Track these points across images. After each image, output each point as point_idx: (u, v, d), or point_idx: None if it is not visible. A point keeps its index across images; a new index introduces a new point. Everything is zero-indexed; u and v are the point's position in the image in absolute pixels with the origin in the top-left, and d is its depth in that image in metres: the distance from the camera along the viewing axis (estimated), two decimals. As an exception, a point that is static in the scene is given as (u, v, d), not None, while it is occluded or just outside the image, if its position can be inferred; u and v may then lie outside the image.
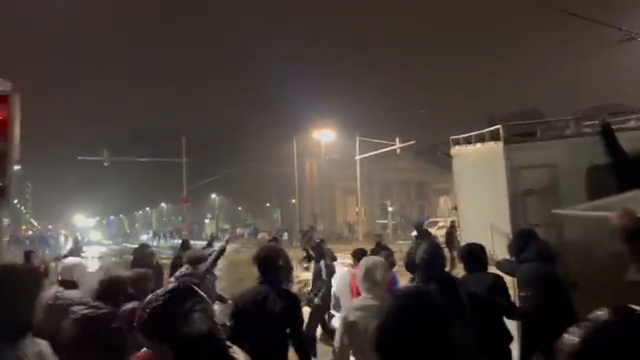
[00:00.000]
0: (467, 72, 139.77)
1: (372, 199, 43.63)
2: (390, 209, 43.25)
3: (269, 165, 42.22)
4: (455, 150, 7.61)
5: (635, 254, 2.57)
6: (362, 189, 36.17)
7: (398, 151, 33.91)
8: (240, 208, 62.43)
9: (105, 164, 33.46)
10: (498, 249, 4.53)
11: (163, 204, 79.82)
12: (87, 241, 52.52)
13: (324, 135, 36.48)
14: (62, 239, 62.80)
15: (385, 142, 34.23)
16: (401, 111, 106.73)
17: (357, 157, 35.39)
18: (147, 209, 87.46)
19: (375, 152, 34.96)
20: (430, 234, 10.95)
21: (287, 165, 37.90)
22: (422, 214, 50.25)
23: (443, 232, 23.07)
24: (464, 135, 8.36)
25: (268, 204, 56.23)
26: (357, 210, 36.84)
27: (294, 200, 52.49)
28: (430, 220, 33.39)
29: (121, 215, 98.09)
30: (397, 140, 33.14)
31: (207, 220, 61.88)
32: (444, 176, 52.82)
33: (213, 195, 58.65)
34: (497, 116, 66.74)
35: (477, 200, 6.77)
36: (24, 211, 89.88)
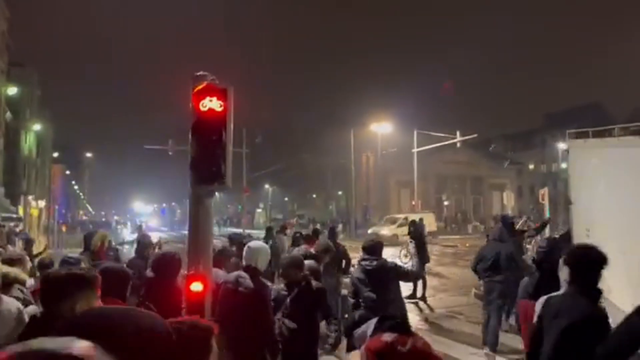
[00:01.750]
0: (520, 71, 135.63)
1: (428, 192, 43.35)
2: (445, 202, 42.89)
3: (325, 157, 42.64)
4: (576, 143, 7.71)
5: None
6: (418, 182, 36.04)
7: (458, 145, 33.59)
8: (286, 199, 63.36)
9: (170, 153, 34.65)
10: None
11: (216, 193, 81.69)
12: (147, 227, 54.63)
13: (382, 128, 36.48)
14: (114, 224, 65.41)
15: (445, 135, 34.01)
16: (457, 106, 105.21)
17: (415, 150, 35.26)
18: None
19: (434, 145, 34.75)
20: (520, 232, 10.91)
21: (343, 158, 38.16)
22: (477, 208, 49.59)
23: (404, 229, 21.96)
24: (581, 130, 8.41)
25: (314, 195, 56.77)
26: (413, 203, 36.73)
27: (340, 192, 52.93)
28: (388, 216, 32.67)
29: (173, 203, 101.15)
30: (458, 133, 32.84)
31: (259, 210, 63.12)
32: (498, 171, 52.03)
33: (267, 186, 59.68)
34: (553, 112, 64.80)
35: (616, 196, 6.82)
36: (82, 197, 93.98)
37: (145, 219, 64.98)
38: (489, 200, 50.51)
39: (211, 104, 3.61)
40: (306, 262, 4.60)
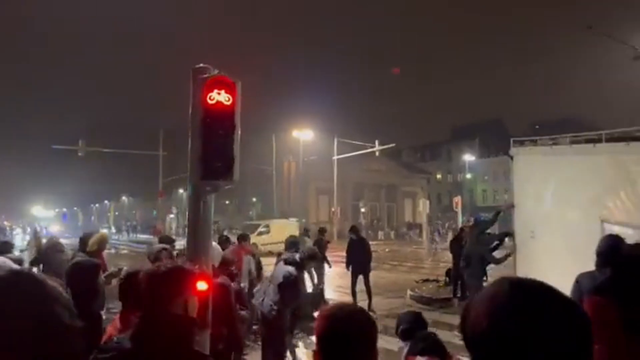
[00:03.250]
0: (440, 83, 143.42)
1: (346, 199, 44.26)
2: (362, 209, 44.04)
3: (243, 163, 42.04)
4: (524, 149, 8.28)
5: None
6: (336, 189, 36.74)
7: (377, 153, 34.70)
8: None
9: (80, 154, 32.58)
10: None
11: (124, 198, 77.81)
12: (47, 233, 50.71)
13: (304, 134, 36.79)
14: (7, 230, 60.11)
15: (364, 144, 35.03)
16: (376, 115, 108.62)
17: (335, 158, 35.95)
18: (106, 202, 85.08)
19: (354, 154, 35.65)
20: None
21: (263, 163, 37.99)
22: (391, 216, 51.43)
23: (262, 237, 22.92)
24: (526, 139, 9.01)
25: (227, 202, 55.90)
26: (332, 209, 37.33)
27: (254, 199, 52.49)
28: (248, 223, 33.52)
29: (75, 208, 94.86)
30: (377, 142, 33.95)
31: (171, 216, 60.87)
32: (411, 180, 54.40)
33: (180, 191, 57.73)
34: (459, 126, 68.96)
35: (558, 200, 7.37)
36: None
37: (46, 223, 60.14)
38: (402, 207, 52.61)
39: (219, 97, 3.46)
40: None
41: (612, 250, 3.99)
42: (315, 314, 8.74)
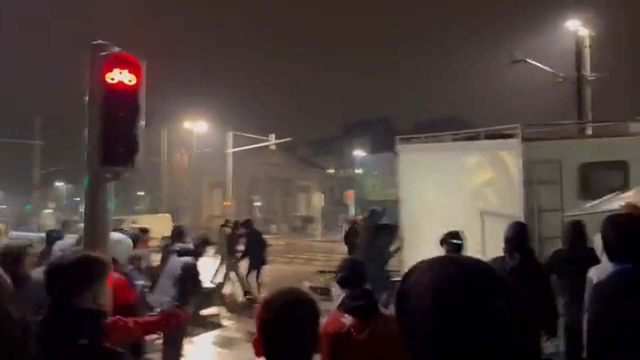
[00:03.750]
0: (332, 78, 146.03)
1: (240, 193, 43.82)
2: (257, 204, 43.90)
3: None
4: (409, 147, 8.74)
5: None
6: (231, 183, 36.28)
7: (274, 147, 34.73)
8: (78, 199, 57.76)
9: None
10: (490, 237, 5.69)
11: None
12: None
13: (197, 126, 35.77)
14: None
15: (259, 137, 34.86)
16: (271, 108, 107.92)
17: (228, 151, 35.42)
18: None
19: (249, 147, 35.34)
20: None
21: (153, 155, 36.38)
22: (285, 209, 51.82)
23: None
24: (410, 136, 9.54)
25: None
26: (226, 204, 36.79)
27: (142, 193, 50.19)
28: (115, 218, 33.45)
29: None
30: (273, 136, 33.96)
31: (48, 210, 56.11)
32: (305, 174, 55.23)
33: (58, 184, 53.45)
34: (351, 122, 71.20)
35: (440, 193, 7.88)
36: None
37: None
38: (296, 201, 53.25)
39: (121, 76, 3.29)
40: None
41: (519, 236, 4.37)
42: (210, 310, 8.56)
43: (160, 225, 17.59)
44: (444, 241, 5.03)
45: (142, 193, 49.38)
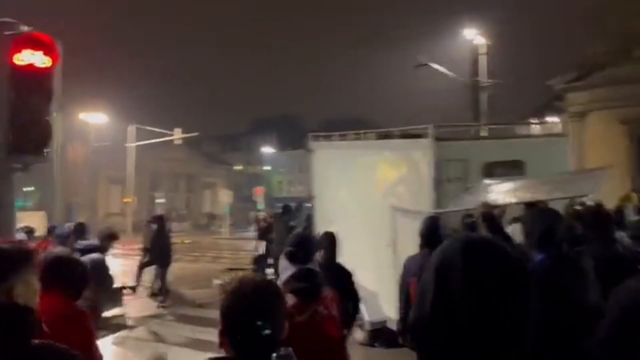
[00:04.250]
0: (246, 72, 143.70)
1: (141, 189, 41.86)
2: (159, 200, 42.25)
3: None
4: (323, 144, 8.84)
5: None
6: (132, 179, 34.64)
7: (179, 142, 33.59)
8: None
9: None
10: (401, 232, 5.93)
11: None
12: None
13: (94, 118, 33.63)
14: None
15: (163, 131, 33.56)
16: (176, 103, 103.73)
17: (132, 145, 33.78)
18: None
19: (152, 141, 33.92)
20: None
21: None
22: (190, 206, 50.37)
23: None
24: (325, 134, 9.66)
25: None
26: (126, 200, 35.03)
27: (29, 188, 46.34)
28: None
29: None
30: (180, 131, 32.85)
31: None
32: (211, 170, 54.03)
33: None
34: (258, 119, 70.92)
35: (351, 189, 8.05)
36: None
37: None
38: (202, 198, 51.94)
39: (33, 58, 3.00)
40: None
41: (429, 231, 4.54)
42: (114, 311, 8.09)
43: (33, 224, 16.07)
44: None
45: (32, 188, 45.49)
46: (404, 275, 4.57)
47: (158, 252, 11.25)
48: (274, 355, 1.61)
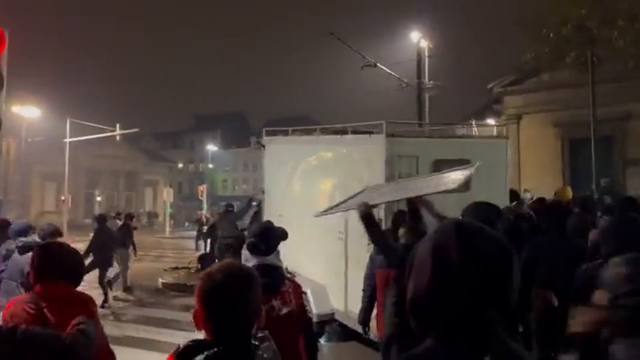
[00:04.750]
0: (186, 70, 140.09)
1: (78, 187, 40.15)
2: (98, 198, 40.71)
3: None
4: (275, 139, 8.82)
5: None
6: (68, 175, 33.13)
7: (118, 138, 32.45)
8: None
9: None
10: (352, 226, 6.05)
11: None
12: None
13: (27, 111, 31.87)
14: None
15: (102, 127, 32.31)
16: (115, 98, 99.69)
17: (67, 140, 32.25)
18: None
19: (90, 137, 32.56)
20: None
21: (-27, 142, 31.59)
22: (130, 204, 48.78)
23: None
24: (278, 129, 9.65)
25: None
26: (62, 198, 33.48)
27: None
28: None
29: None
30: (118, 126, 31.73)
31: None
32: (152, 167, 52.57)
33: None
34: (202, 116, 69.67)
35: (301, 185, 8.10)
36: None
37: None
38: (142, 196, 50.44)
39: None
40: None
41: (394, 223, 4.66)
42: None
43: None
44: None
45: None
46: (370, 267, 4.68)
47: (97, 253, 10.81)
48: (253, 337, 1.64)
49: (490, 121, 21.42)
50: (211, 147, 56.85)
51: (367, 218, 3.89)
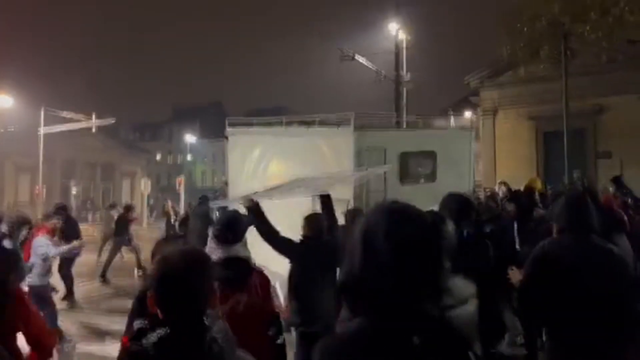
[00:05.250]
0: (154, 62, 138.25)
1: (53, 178, 39.44)
2: (74, 190, 40.10)
3: None
4: (239, 130, 8.67)
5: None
6: (42, 167, 32.52)
7: (94, 129, 31.92)
8: None
9: None
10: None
11: None
12: None
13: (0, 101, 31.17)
14: None
15: (78, 117, 31.71)
16: (91, 88, 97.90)
17: (41, 131, 31.62)
18: None
19: (65, 128, 31.97)
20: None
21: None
22: (107, 196, 48.16)
23: None
24: (245, 119, 9.50)
25: None
26: (37, 190, 32.89)
27: None
28: None
29: None
30: (94, 116, 31.19)
31: None
32: (130, 159, 51.90)
33: None
34: (180, 107, 68.89)
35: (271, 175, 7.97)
36: None
37: None
38: (119, 187, 49.78)
39: None
40: None
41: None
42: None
43: None
44: None
45: None
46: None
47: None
48: (205, 319, 1.65)
49: (468, 114, 21.59)
50: (190, 138, 56.32)
51: (254, 212, 3.88)
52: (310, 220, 4.59)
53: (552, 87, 14.57)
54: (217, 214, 10.27)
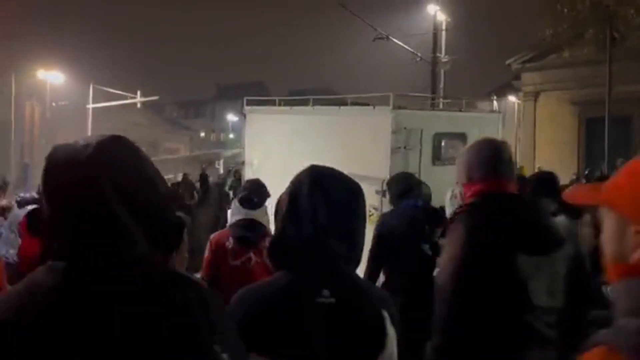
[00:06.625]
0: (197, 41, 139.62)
1: (101, 153, 40.93)
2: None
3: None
4: (253, 109, 8.79)
5: None
6: (91, 141, 33.79)
7: (138, 105, 32.92)
8: None
9: None
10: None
11: None
12: None
13: (52, 77, 32.51)
14: None
15: (125, 94, 32.78)
16: (138, 65, 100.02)
17: (90, 106, 32.87)
18: None
19: (112, 103, 33.12)
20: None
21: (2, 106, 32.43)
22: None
23: None
24: (256, 98, 9.53)
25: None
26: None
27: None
28: None
29: None
30: (139, 93, 32.15)
31: None
32: (174, 135, 53.15)
33: None
34: (224, 85, 69.75)
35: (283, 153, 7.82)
36: None
37: None
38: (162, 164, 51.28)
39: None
40: None
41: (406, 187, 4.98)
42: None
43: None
44: None
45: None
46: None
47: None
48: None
49: (511, 98, 21.24)
50: (232, 117, 57.07)
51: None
52: None
53: (597, 71, 14.23)
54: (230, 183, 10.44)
